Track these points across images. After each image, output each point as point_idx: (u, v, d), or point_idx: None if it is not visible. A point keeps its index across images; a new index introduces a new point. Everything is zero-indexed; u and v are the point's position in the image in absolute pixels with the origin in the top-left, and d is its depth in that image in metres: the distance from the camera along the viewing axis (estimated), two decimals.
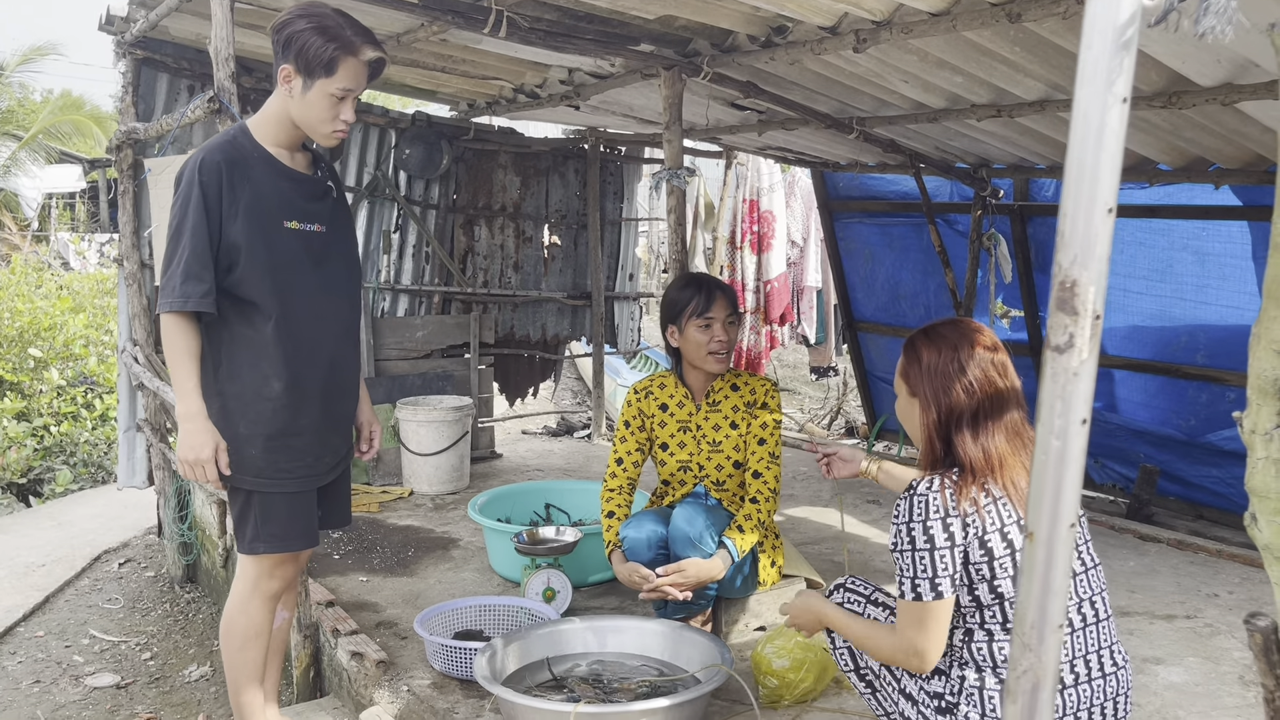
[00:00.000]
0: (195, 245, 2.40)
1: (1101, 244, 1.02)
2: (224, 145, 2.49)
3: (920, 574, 1.98)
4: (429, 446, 5.35)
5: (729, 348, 3.26)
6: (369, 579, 4.04)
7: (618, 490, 3.38)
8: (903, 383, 2.18)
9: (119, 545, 5.72)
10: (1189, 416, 5.20)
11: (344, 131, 2.54)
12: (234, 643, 2.66)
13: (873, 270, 6.74)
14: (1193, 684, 3.08)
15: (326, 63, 2.42)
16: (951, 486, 1.99)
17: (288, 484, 2.56)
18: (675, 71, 4.08)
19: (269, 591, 2.65)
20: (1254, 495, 1.23)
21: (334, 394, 2.66)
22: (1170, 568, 4.22)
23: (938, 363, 2.09)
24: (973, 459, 2.01)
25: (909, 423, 2.19)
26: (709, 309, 3.24)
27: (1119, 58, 0.99)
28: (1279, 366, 1.19)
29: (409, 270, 6.31)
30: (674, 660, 3.03)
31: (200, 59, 4.98)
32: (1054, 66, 3.59)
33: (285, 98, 2.49)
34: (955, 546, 1.97)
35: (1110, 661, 2.08)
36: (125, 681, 4.00)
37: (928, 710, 2.09)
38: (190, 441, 2.44)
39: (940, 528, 1.97)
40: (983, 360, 2.08)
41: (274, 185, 2.51)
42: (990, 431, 2.04)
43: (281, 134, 2.55)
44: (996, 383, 2.07)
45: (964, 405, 2.05)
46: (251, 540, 2.58)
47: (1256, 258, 4.72)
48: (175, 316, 2.41)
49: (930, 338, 2.14)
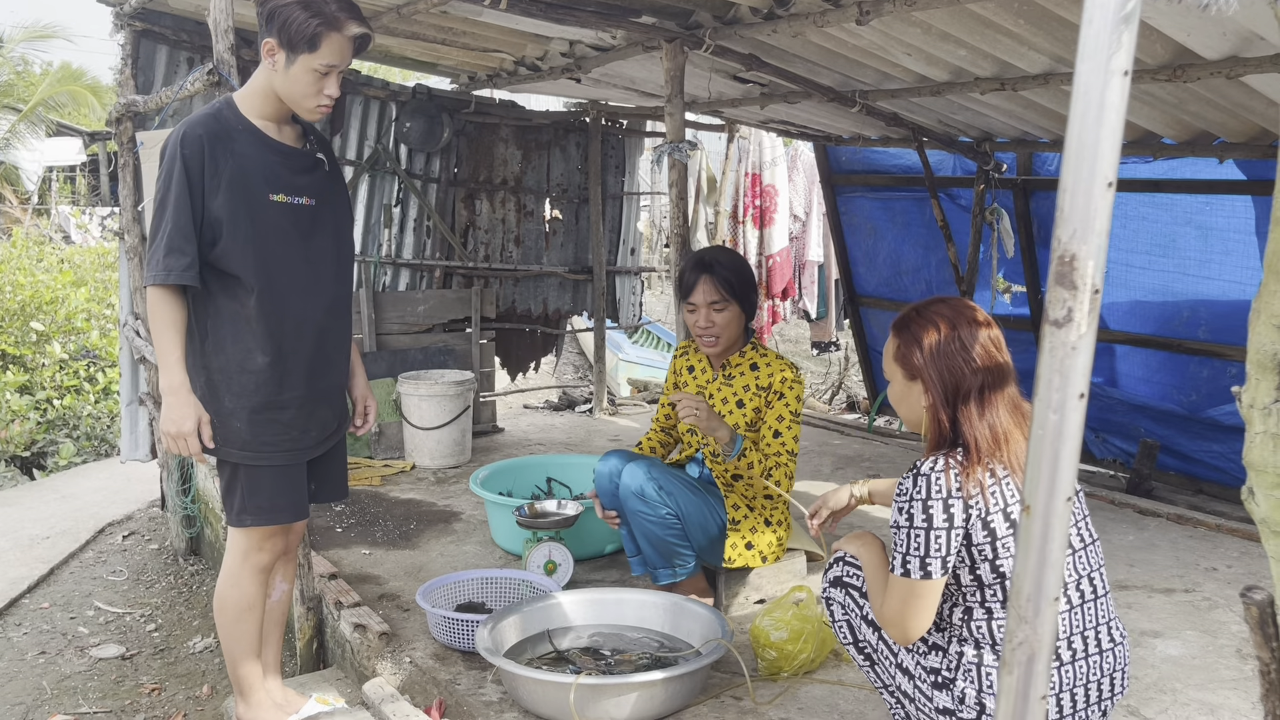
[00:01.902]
0: (178, 218, 2.40)
1: (1101, 219, 1.02)
2: (206, 119, 2.48)
3: (912, 552, 1.99)
4: (431, 420, 5.37)
5: (716, 333, 3.25)
6: (371, 552, 4.07)
7: (645, 440, 3.60)
8: (898, 366, 2.16)
9: (123, 518, 5.75)
10: (1190, 392, 5.20)
11: (327, 107, 2.53)
12: (227, 616, 2.68)
13: (875, 245, 6.72)
14: (1190, 657, 3.10)
15: (309, 38, 2.40)
16: (957, 467, 1.99)
17: (273, 457, 2.56)
18: (677, 44, 4.05)
19: (259, 564, 2.66)
20: (1252, 469, 1.23)
21: (320, 367, 2.65)
22: (1169, 542, 4.23)
23: (940, 342, 2.07)
24: (979, 437, 2.01)
25: (906, 406, 2.18)
26: (690, 294, 3.25)
27: (1119, 31, 0.98)
28: (1278, 341, 1.19)
29: (410, 244, 6.30)
30: (674, 632, 3.05)
31: (200, 30, 4.95)
32: (1058, 39, 3.56)
33: (269, 72, 2.48)
34: (954, 529, 1.97)
35: (1108, 638, 2.09)
36: (130, 653, 4.03)
37: (924, 685, 2.11)
38: (173, 414, 2.45)
39: (940, 508, 1.97)
40: (981, 337, 2.07)
41: (259, 158, 2.50)
42: (995, 408, 2.04)
43: (267, 107, 2.53)
44: (995, 358, 2.07)
45: (969, 384, 2.05)
46: (239, 513, 2.59)
47: (1260, 232, 4.70)
48: (159, 289, 2.41)
49: (927, 318, 2.11)
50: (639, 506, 3.18)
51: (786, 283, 8.22)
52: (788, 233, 8.25)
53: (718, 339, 3.26)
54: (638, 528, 3.23)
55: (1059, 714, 2.03)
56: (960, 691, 2.04)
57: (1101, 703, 2.09)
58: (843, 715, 2.71)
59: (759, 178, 8.03)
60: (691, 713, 2.70)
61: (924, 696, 2.11)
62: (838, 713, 2.72)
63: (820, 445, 6.06)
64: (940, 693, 2.08)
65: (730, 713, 2.71)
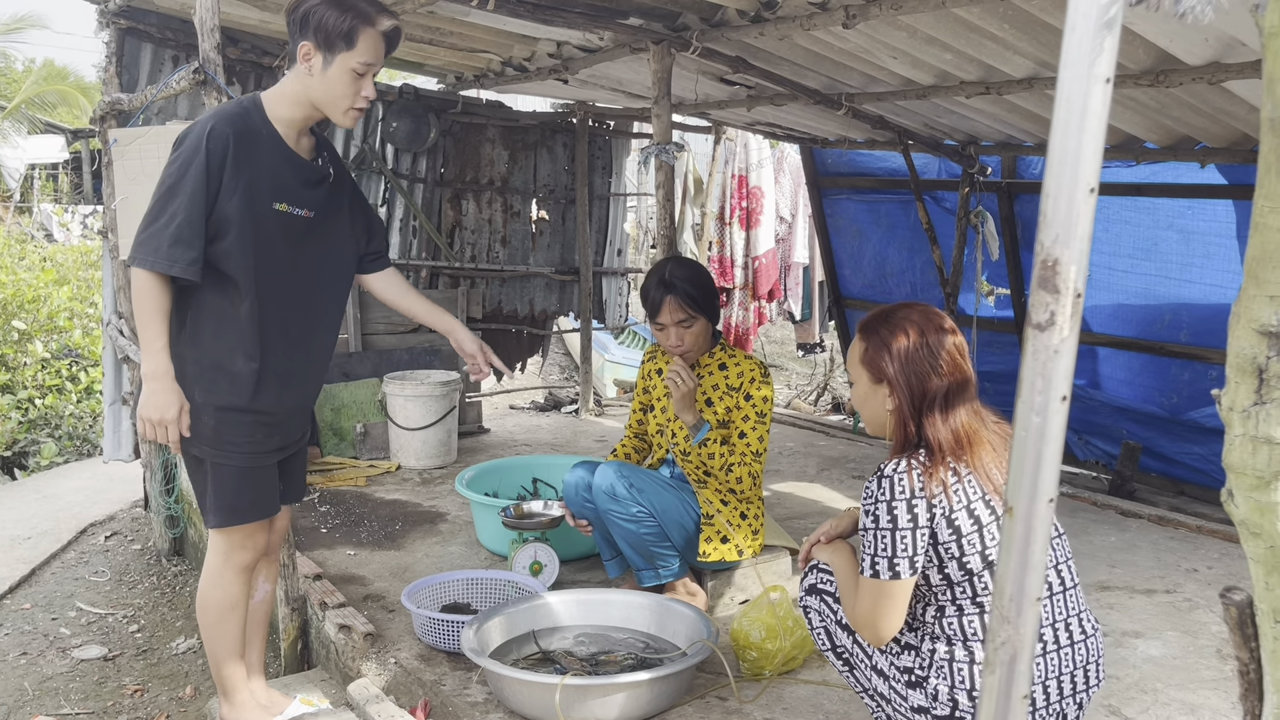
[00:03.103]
0: (191, 212, 2.37)
1: (1083, 223, 1.04)
2: (235, 117, 2.46)
3: (880, 553, 2.02)
4: (416, 421, 5.36)
5: (687, 349, 3.30)
6: (356, 552, 4.06)
7: (620, 446, 3.67)
8: (864, 369, 2.18)
9: (105, 518, 5.72)
10: (1172, 394, 5.25)
11: (362, 110, 2.54)
12: (210, 616, 2.67)
13: (860, 247, 6.75)
14: (1171, 657, 3.12)
15: (346, 34, 2.41)
16: (920, 468, 2.03)
17: (233, 457, 2.54)
18: (664, 46, 4.06)
19: (241, 563, 2.65)
20: (1231, 471, 1.25)
21: (297, 378, 2.64)
22: (1150, 543, 4.27)
23: (909, 348, 2.11)
24: (943, 440, 2.05)
25: (869, 408, 2.21)
26: (657, 315, 3.28)
27: (1101, 37, 0.99)
28: (1258, 345, 1.20)
29: (396, 244, 6.29)
30: (660, 633, 3.06)
31: (185, 29, 4.93)
32: (1042, 44, 3.59)
33: (304, 77, 2.48)
34: (919, 529, 2.00)
35: (1079, 629, 2.12)
36: (113, 654, 4.01)
37: (898, 685, 2.13)
38: (156, 400, 2.43)
39: (905, 509, 2.00)
40: (948, 344, 2.12)
41: (273, 166, 2.50)
42: (957, 412, 2.08)
43: (296, 114, 2.53)
44: (960, 366, 2.12)
45: (936, 389, 2.09)
46: (207, 512, 2.59)
47: (1241, 237, 4.74)
48: (152, 275, 2.39)
49: (896, 323, 2.15)
50: (610, 505, 3.20)
51: (772, 284, 8.24)
52: (774, 234, 8.27)
53: (689, 353, 3.32)
54: (614, 528, 3.24)
55: (1032, 708, 2.05)
56: (933, 689, 2.07)
57: (1077, 694, 2.11)
58: (827, 715, 2.72)
59: (745, 179, 8.05)
60: (677, 713, 2.71)
61: (899, 696, 2.13)
62: (822, 712, 2.73)
63: (806, 446, 6.08)
64: (914, 691, 2.10)
65: (715, 713, 2.72)
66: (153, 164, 4.16)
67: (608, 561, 3.49)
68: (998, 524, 2.03)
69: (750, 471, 3.27)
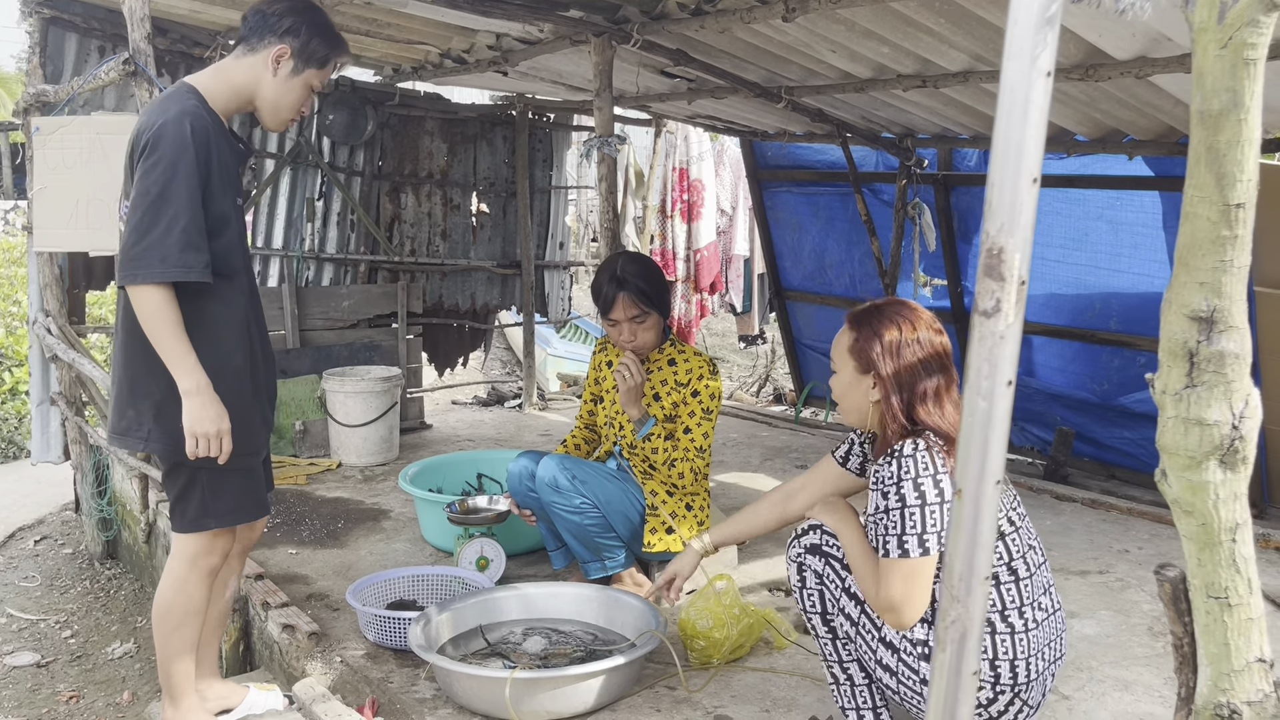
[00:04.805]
0: (193, 213, 2.30)
1: (1026, 212, 1.06)
2: (197, 111, 2.39)
3: (909, 531, 2.05)
4: (357, 418, 5.29)
5: (640, 345, 3.32)
6: (298, 551, 4.00)
7: (570, 438, 3.67)
8: (851, 359, 2.23)
9: (34, 522, 5.56)
10: (1102, 381, 5.39)
11: (295, 121, 2.62)
12: (170, 622, 2.59)
13: (800, 239, 6.82)
14: (1105, 636, 3.21)
15: (322, 58, 2.51)
16: (936, 446, 2.09)
17: (240, 459, 2.49)
18: (605, 38, 4.06)
19: (208, 567, 2.60)
20: (1164, 452, 1.29)
21: (270, 365, 2.68)
22: (1084, 525, 4.39)
23: (900, 341, 2.17)
24: (942, 427, 2.12)
25: (851, 398, 2.25)
26: (609, 311, 3.29)
27: (1043, 33, 1.02)
28: (1189, 330, 1.24)
29: (334, 238, 6.20)
30: (609, 625, 3.07)
31: (112, 19, 4.80)
32: (977, 38, 3.66)
33: (264, 75, 2.48)
34: (945, 503, 2.06)
35: (1050, 603, 2.22)
36: (46, 660, 3.91)
37: (910, 658, 2.15)
38: (208, 413, 2.34)
39: (931, 484, 2.05)
40: (935, 341, 2.20)
41: (229, 156, 2.48)
42: (948, 404, 2.17)
43: (233, 105, 2.52)
44: (948, 365, 2.21)
45: (926, 382, 2.15)
46: (197, 517, 2.50)
47: (1167, 227, 4.89)
48: (162, 288, 2.28)
49: (889, 316, 2.21)
50: (553, 497, 3.21)
51: (714, 276, 8.29)
52: (715, 227, 8.31)
53: (642, 349, 3.34)
54: (558, 520, 3.25)
55: (1027, 678, 2.11)
56: None
57: (1054, 665, 2.20)
58: (774, 701, 2.76)
59: (686, 172, 8.07)
60: (626, 704, 2.72)
61: (908, 669, 2.15)
62: (770, 699, 2.77)
63: (748, 437, 6.13)
64: (927, 665, 2.12)
65: (665, 702, 2.74)
66: (74, 154, 4.05)
67: (553, 552, 3.49)
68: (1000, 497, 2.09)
69: (693, 467, 3.29)
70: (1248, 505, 1.28)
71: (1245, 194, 1.18)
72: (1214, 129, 1.15)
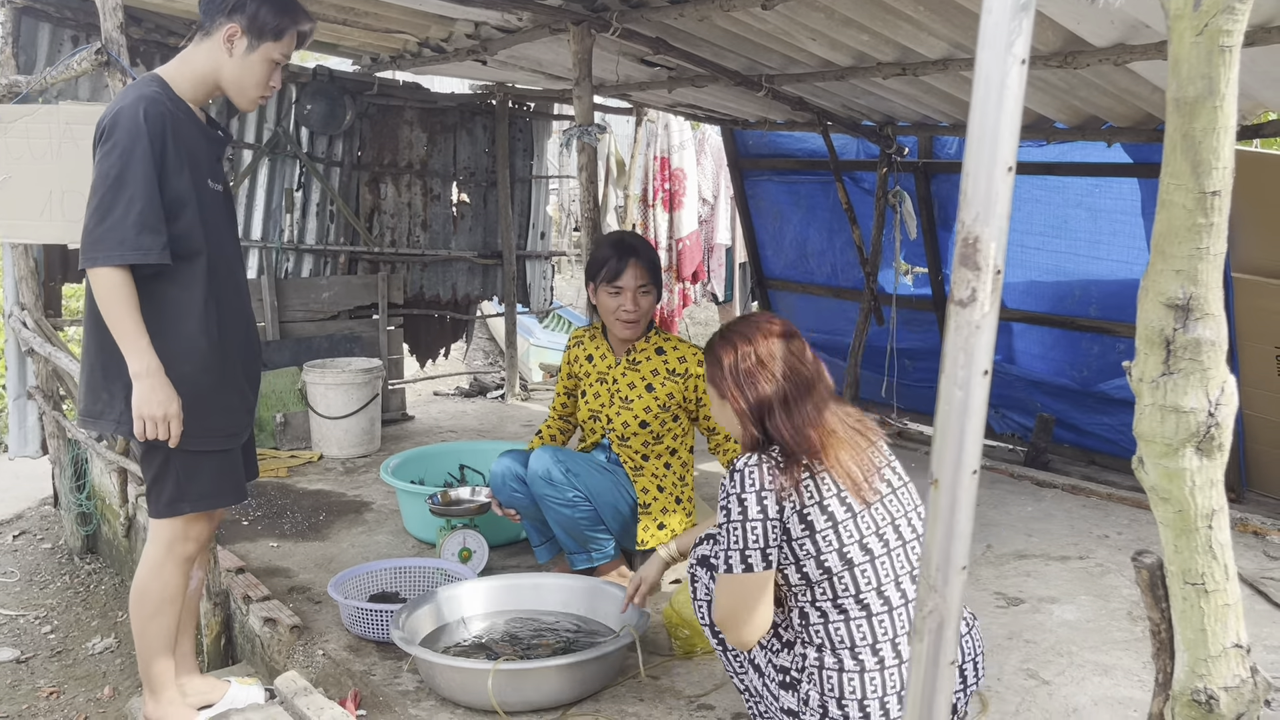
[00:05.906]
0: (149, 196, 2.32)
1: (1002, 201, 1.06)
2: (158, 98, 2.41)
3: (733, 546, 2.04)
4: (338, 409, 5.27)
5: (640, 316, 3.30)
6: (280, 544, 3.98)
7: (545, 428, 3.64)
8: (712, 388, 2.25)
9: (12, 517, 5.51)
10: (1082, 367, 5.42)
11: (267, 97, 2.59)
12: (146, 610, 2.59)
13: (781, 228, 6.81)
14: (1085, 620, 3.24)
15: (275, 29, 2.47)
16: (770, 463, 2.05)
17: (213, 441, 2.52)
18: (584, 26, 4.03)
19: (184, 554, 2.59)
20: (1141, 439, 1.29)
21: (252, 350, 2.68)
22: (1064, 511, 4.41)
23: (736, 361, 2.16)
24: (789, 439, 2.08)
25: (724, 421, 2.26)
26: (618, 277, 3.26)
27: (1018, 20, 1.02)
28: (1165, 317, 1.24)
29: (313, 229, 6.16)
30: (592, 615, 3.07)
31: (85, 8, 4.74)
32: (956, 25, 3.66)
33: (220, 57, 2.48)
34: (768, 520, 2.02)
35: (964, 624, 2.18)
36: (25, 656, 3.88)
37: (772, 684, 2.14)
38: (156, 396, 2.36)
39: (754, 500, 2.02)
40: (779, 350, 2.15)
41: (198, 142, 2.48)
42: (804, 413, 2.11)
43: (200, 91, 2.52)
44: (798, 368, 2.16)
45: (770, 395, 2.12)
46: (172, 501, 2.51)
47: (1145, 214, 4.91)
48: (120, 270, 2.31)
49: (726, 339, 2.21)
50: (546, 490, 3.20)
51: (696, 266, 8.28)
52: (697, 216, 8.29)
53: (639, 322, 3.31)
54: (549, 512, 3.24)
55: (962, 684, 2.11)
56: (805, 693, 2.08)
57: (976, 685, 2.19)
58: None
59: (668, 161, 8.05)
60: (610, 694, 2.72)
61: (770, 695, 2.14)
62: None
63: None
64: (786, 693, 2.11)
65: (648, 691, 2.74)
66: (40, 144, 3.99)
67: (537, 548, 3.48)
68: (855, 521, 2.04)
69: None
70: (1224, 492, 1.28)
71: (1221, 181, 1.18)
72: (1190, 116, 1.15)
